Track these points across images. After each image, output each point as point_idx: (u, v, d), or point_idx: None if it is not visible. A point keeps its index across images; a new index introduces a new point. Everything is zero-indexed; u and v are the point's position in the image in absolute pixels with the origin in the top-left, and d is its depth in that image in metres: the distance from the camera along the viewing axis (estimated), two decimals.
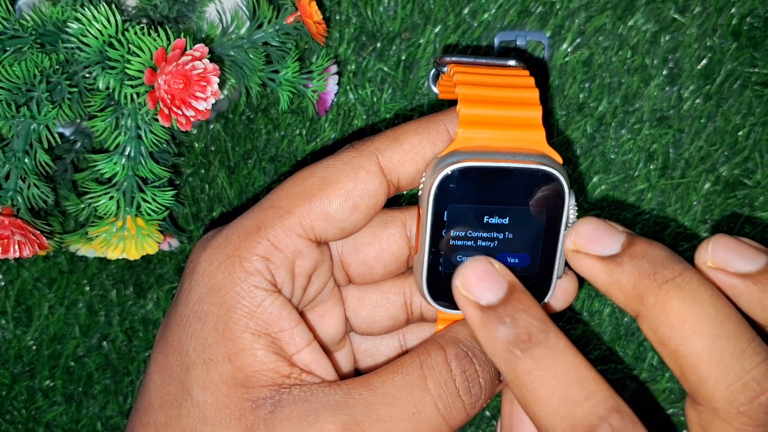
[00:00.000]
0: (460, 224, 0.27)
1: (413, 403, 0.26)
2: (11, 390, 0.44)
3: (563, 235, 0.28)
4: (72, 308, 0.44)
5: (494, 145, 0.27)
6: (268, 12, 0.36)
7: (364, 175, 0.28)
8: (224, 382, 0.27)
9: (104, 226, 0.36)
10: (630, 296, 0.26)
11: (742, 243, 0.26)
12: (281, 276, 0.28)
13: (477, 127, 0.27)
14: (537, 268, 0.28)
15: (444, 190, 0.27)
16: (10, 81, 0.32)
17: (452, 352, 0.27)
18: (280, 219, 0.28)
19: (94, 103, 0.34)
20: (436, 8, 0.42)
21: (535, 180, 0.27)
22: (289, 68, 0.38)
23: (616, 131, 0.42)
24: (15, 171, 0.34)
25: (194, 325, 0.27)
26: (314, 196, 0.28)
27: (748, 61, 0.42)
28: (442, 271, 0.28)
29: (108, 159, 0.35)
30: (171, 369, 0.28)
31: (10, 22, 0.33)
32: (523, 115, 0.28)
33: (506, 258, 0.28)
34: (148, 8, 0.36)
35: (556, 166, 0.27)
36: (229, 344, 0.27)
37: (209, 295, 0.27)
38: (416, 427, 0.26)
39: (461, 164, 0.27)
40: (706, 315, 0.25)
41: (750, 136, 0.42)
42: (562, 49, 0.42)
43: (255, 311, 0.27)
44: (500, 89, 0.28)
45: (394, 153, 0.29)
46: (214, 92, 0.33)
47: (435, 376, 0.27)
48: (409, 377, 0.27)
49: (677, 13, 0.42)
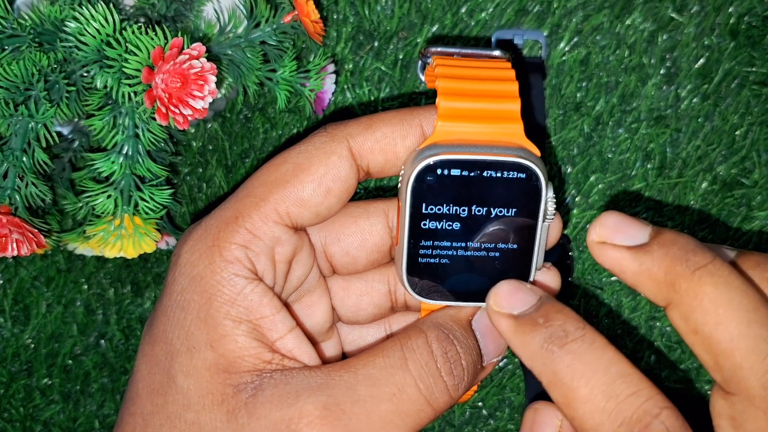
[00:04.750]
0: (438, 216, 0.28)
1: (394, 383, 0.26)
2: (9, 388, 0.44)
3: (541, 228, 0.28)
4: (69, 307, 0.44)
5: (472, 138, 0.28)
6: (265, 11, 0.36)
7: (336, 160, 0.29)
8: (207, 369, 0.27)
9: (102, 225, 0.36)
10: (661, 284, 0.25)
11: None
12: (261, 263, 0.28)
13: (456, 120, 0.28)
14: (515, 260, 0.29)
15: (422, 182, 0.27)
16: (8, 80, 0.32)
17: (433, 335, 0.28)
18: (256, 207, 0.28)
19: (91, 101, 0.34)
20: (434, 7, 0.42)
21: (512, 173, 0.27)
22: (286, 67, 0.38)
23: (614, 130, 0.42)
24: (13, 169, 0.34)
25: (177, 314, 0.28)
26: (288, 183, 0.29)
27: (746, 60, 0.42)
28: (421, 262, 0.28)
29: (105, 158, 0.35)
30: (157, 358, 0.28)
31: (9, 21, 0.33)
32: (501, 108, 0.28)
33: (484, 249, 0.28)
34: (146, 7, 0.36)
35: (533, 159, 0.28)
36: (210, 331, 0.27)
37: (191, 284, 0.28)
38: (398, 408, 0.26)
39: (438, 157, 0.27)
40: (740, 301, 0.24)
41: (748, 135, 0.42)
42: (560, 48, 0.42)
43: (236, 298, 0.27)
44: (480, 82, 0.28)
45: (366, 140, 0.29)
46: (212, 91, 0.33)
47: (416, 358, 0.27)
48: (389, 359, 0.27)
49: (675, 12, 0.42)
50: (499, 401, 0.43)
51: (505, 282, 0.28)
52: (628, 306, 0.42)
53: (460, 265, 0.29)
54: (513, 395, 0.43)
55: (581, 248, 0.42)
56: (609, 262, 0.27)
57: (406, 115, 0.29)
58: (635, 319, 0.42)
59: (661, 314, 0.42)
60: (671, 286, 0.25)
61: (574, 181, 0.42)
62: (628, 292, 0.42)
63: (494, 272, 0.29)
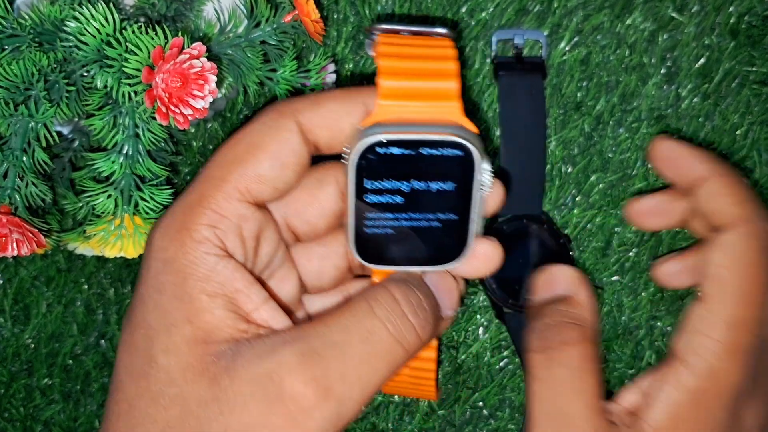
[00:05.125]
0: (381, 191, 0.29)
1: (364, 328, 0.28)
2: (9, 388, 0.44)
3: (476, 199, 0.30)
4: (70, 306, 0.44)
5: (411, 116, 0.29)
6: (265, 11, 0.36)
7: (287, 135, 0.30)
8: (186, 343, 0.28)
9: (102, 225, 0.36)
10: None
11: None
12: (231, 241, 0.30)
13: (395, 99, 0.29)
14: (454, 229, 0.30)
15: (363, 160, 0.29)
16: (8, 79, 0.32)
17: (393, 285, 0.30)
18: (218, 188, 0.30)
19: (91, 101, 0.34)
20: (434, 7, 0.42)
21: (448, 149, 0.29)
22: (286, 67, 0.38)
23: (614, 130, 0.42)
24: (13, 169, 0.34)
25: (154, 297, 0.29)
26: (245, 161, 0.30)
27: (746, 59, 0.42)
28: (368, 232, 0.30)
29: (106, 157, 0.35)
30: (137, 344, 0.29)
31: (8, 20, 0.33)
32: (440, 87, 0.29)
33: (425, 220, 0.30)
34: (146, 7, 0.36)
35: (469, 136, 0.29)
36: (187, 307, 0.28)
37: (165, 267, 0.29)
38: (371, 348, 0.28)
39: (376, 137, 0.28)
40: None
41: (748, 134, 0.42)
42: (560, 47, 0.42)
43: (209, 275, 0.29)
44: (420, 60, 0.30)
45: (313, 116, 0.30)
46: (212, 91, 0.33)
47: (381, 305, 0.29)
48: (357, 310, 0.29)
49: (675, 12, 0.42)
50: (499, 401, 0.43)
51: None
52: (629, 306, 0.42)
53: (403, 234, 0.30)
54: (513, 395, 0.43)
55: (581, 248, 0.42)
56: None
57: (350, 93, 0.31)
58: (636, 318, 0.42)
59: (662, 314, 0.42)
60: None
61: (574, 181, 0.42)
62: (628, 292, 0.42)
63: (435, 240, 0.31)
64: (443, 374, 0.43)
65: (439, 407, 0.43)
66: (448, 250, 0.31)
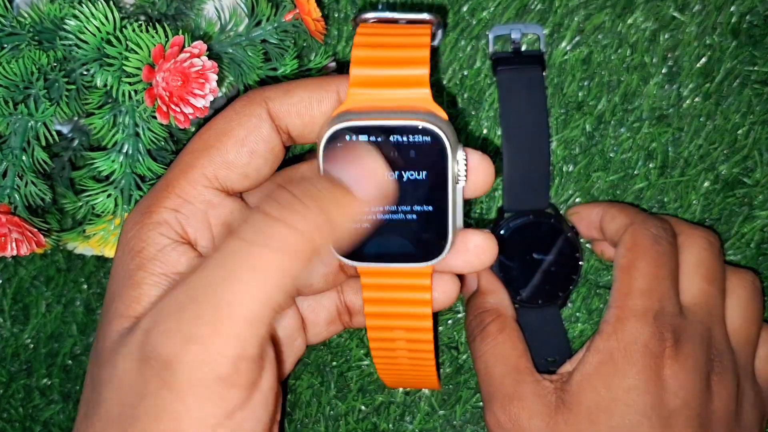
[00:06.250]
0: None
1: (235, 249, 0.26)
2: (8, 388, 0.44)
3: (452, 190, 0.29)
4: (69, 306, 0.44)
5: (381, 104, 0.29)
6: (266, 9, 0.36)
7: (256, 122, 0.30)
8: (114, 320, 0.28)
9: (102, 224, 0.36)
10: None
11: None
12: (193, 226, 0.30)
13: (366, 87, 0.29)
14: (432, 222, 0.30)
15: (331, 148, 0.28)
16: (7, 78, 0.32)
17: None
18: (184, 173, 0.30)
19: (91, 100, 0.34)
20: (435, 6, 0.42)
21: (417, 136, 0.28)
22: (287, 66, 0.38)
23: (615, 129, 0.42)
24: (12, 168, 0.34)
25: (111, 285, 0.29)
26: (212, 147, 0.30)
27: (748, 59, 0.42)
28: None
29: (106, 156, 0.35)
30: (97, 325, 0.30)
31: (8, 19, 0.33)
32: (410, 74, 0.29)
33: (401, 212, 0.30)
34: (146, 5, 0.36)
35: (438, 122, 0.28)
36: (127, 284, 0.28)
37: (124, 250, 0.29)
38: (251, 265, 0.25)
39: (345, 123, 0.28)
40: None
41: (749, 134, 0.42)
42: (561, 47, 0.42)
43: (156, 255, 0.29)
44: (392, 49, 0.30)
45: (283, 103, 0.30)
46: (212, 90, 0.33)
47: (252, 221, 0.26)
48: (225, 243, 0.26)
49: (677, 11, 0.42)
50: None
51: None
52: None
53: (380, 228, 0.30)
54: None
55: (582, 249, 0.42)
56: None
57: (322, 82, 0.31)
58: None
59: None
60: None
61: (575, 180, 0.42)
62: None
63: (413, 234, 0.30)
64: (444, 375, 0.43)
65: (440, 407, 0.42)
66: (428, 245, 0.30)
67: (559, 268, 0.41)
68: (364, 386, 0.43)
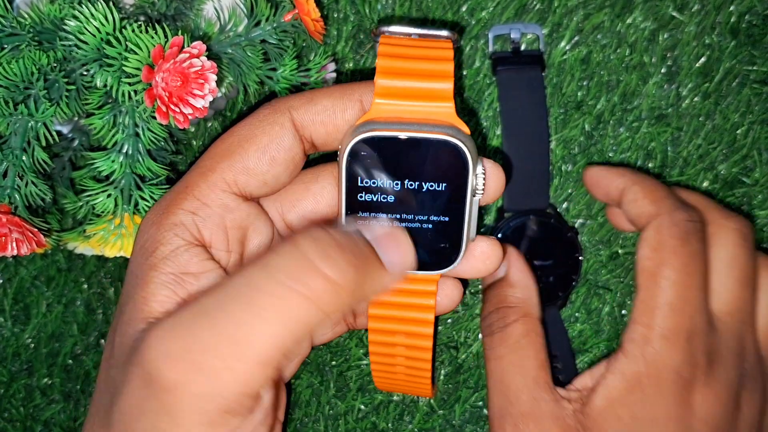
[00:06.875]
0: (373, 189, 0.29)
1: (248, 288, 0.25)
2: (9, 388, 0.44)
3: (470, 202, 0.30)
4: (70, 306, 0.44)
5: (406, 115, 0.29)
6: (265, 10, 0.36)
7: (278, 130, 0.30)
8: (127, 322, 0.28)
9: (102, 224, 0.36)
10: None
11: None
12: (209, 229, 0.30)
13: (391, 98, 0.29)
14: (447, 232, 0.30)
15: (356, 157, 0.29)
16: (7, 78, 0.32)
17: (300, 237, 0.26)
18: (204, 177, 0.30)
19: (91, 100, 0.34)
20: (434, 6, 0.42)
21: (441, 149, 0.29)
22: (286, 66, 0.38)
23: (615, 129, 0.42)
24: (13, 168, 0.34)
25: (125, 285, 0.30)
26: (234, 153, 0.30)
27: (747, 59, 0.42)
28: None
29: (106, 157, 0.35)
30: (111, 325, 0.30)
31: (8, 19, 0.33)
32: (434, 88, 0.29)
33: (417, 221, 0.30)
34: (146, 6, 0.36)
35: (461, 136, 0.29)
36: (139, 285, 0.29)
37: (139, 250, 0.30)
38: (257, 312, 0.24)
39: (370, 133, 0.29)
40: None
41: (748, 134, 0.42)
42: (561, 46, 0.42)
43: (168, 255, 0.29)
44: (417, 61, 0.30)
45: (307, 112, 0.30)
46: (212, 90, 0.33)
47: (281, 253, 0.25)
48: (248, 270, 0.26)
49: (676, 11, 0.42)
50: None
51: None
52: (629, 306, 0.42)
53: None
54: None
55: (582, 248, 0.42)
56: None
57: (346, 90, 0.31)
58: None
59: None
60: None
61: (575, 180, 0.42)
62: (629, 292, 0.42)
63: (428, 243, 0.30)
64: (444, 374, 0.43)
65: (440, 407, 0.43)
66: (441, 254, 0.31)
67: (559, 268, 0.41)
68: (364, 385, 0.43)
